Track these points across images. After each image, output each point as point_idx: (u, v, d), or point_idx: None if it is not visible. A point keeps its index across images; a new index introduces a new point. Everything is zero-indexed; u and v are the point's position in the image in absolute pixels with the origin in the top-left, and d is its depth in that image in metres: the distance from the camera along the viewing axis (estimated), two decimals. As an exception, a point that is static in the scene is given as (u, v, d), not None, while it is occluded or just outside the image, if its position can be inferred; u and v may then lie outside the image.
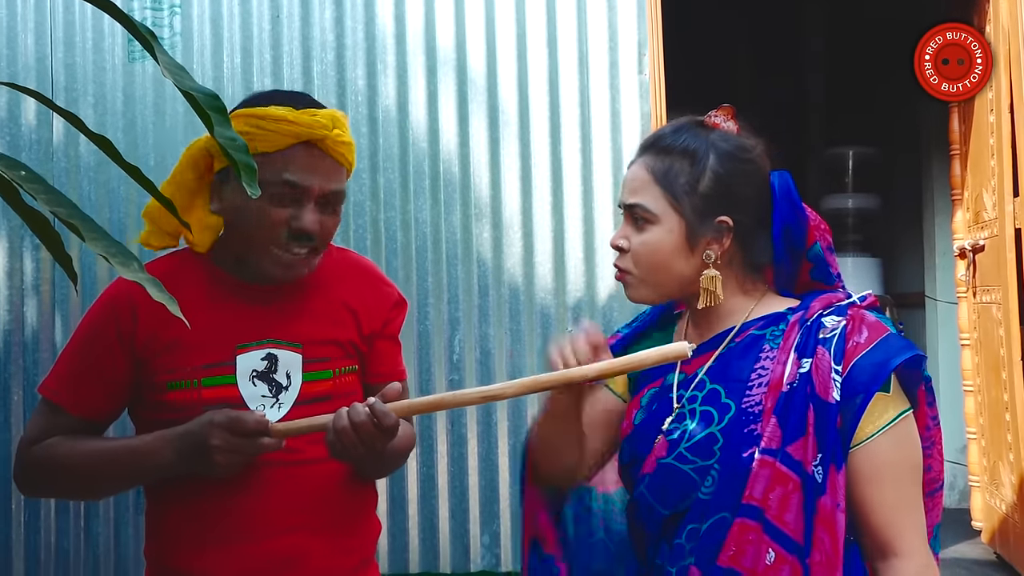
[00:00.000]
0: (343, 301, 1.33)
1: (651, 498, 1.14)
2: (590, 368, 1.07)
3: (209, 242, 1.28)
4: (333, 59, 2.70)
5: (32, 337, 2.63)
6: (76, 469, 1.25)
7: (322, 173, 1.24)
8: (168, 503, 1.28)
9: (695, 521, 1.09)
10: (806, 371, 1.05)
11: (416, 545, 2.61)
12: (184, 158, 1.29)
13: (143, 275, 0.71)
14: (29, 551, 2.60)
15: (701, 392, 1.13)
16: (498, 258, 2.66)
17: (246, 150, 0.81)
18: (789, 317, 1.11)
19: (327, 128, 1.22)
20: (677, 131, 1.17)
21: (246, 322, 1.27)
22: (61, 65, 2.67)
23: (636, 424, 1.18)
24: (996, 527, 2.97)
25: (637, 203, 1.13)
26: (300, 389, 1.27)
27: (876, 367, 1.05)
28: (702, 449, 1.09)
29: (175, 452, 1.19)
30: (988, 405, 2.98)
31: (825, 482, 1.03)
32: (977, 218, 3.03)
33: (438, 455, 2.62)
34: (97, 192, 2.65)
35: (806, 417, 1.04)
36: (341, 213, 1.31)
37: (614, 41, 2.69)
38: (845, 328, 1.07)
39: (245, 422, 1.15)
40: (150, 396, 1.27)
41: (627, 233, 1.14)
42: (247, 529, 1.23)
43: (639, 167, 1.15)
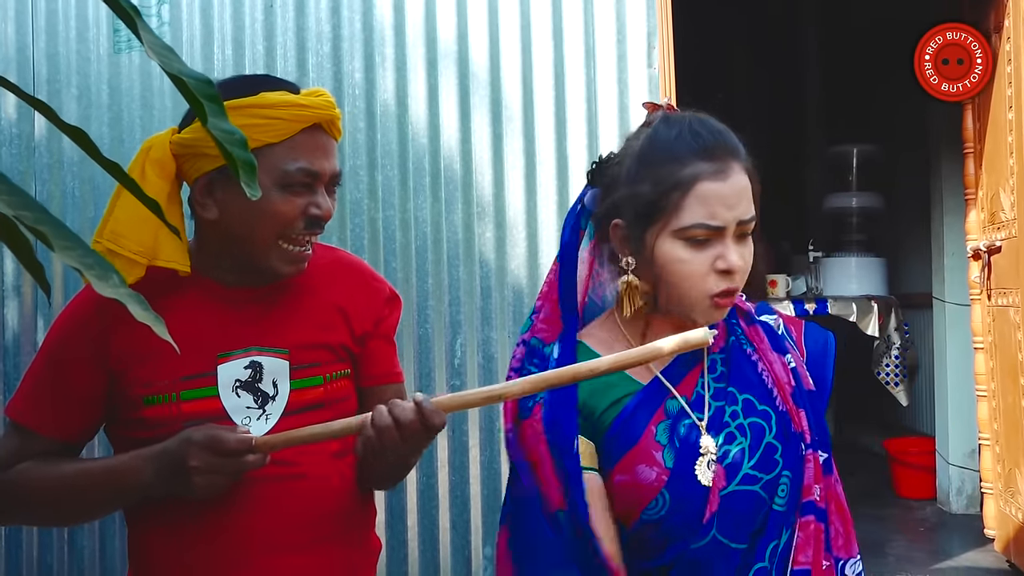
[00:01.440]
0: (332, 302, 1.24)
1: (724, 538, 1.03)
2: (601, 362, 0.99)
3: (188, 260, 1.17)
4: (329, 51, 2.59)
5: (13, 341, 2.52)
6: (50, 494, 1.16)
7: (329, 155, 1.18)
8: (150, 527, 1.18)
9: (774, 538, 1.05)
10: (793, 367, 1.12)
11: (416, 558, 2.51)
12: (144, 165, 1.15)
13: (123, 290, 0.60)
14: (11, 565, 2.49)
15: (736, 406, 1.07)
16: (501, 259, 2.56)
17: (244, 145, 0.70)
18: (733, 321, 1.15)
19: (332, 108, 1.17)
20: (724, 127, 1.09)
21: (227, 329, 1.18)
22: (43, 56, 2.55)
23: (672, 467, 1.04)
24: (1011, 536, 2.90)
25: (752, 215, 1.06)
26: (288, 398, 1.18)
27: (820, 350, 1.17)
28: (767, 463, 1.05)
29: (153, 472, 1.10)
30: (1004, 411, 2.90)
31: (829, 460, 1.11)
32: (993, 218, 2.95)
33: (439, 463, 2.52)
34: (81, 188, 2.53)
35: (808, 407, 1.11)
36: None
37: (622, 33, 2.59)
38: (784, 325, 1.18)
39: (225, 441, 1.06)
40: (126, 413, 1.17)
41: (741, 252, 1.05)
42: (236, 552, 1.15)
43: (741, 174, 1.05)
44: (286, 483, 1.17)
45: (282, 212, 1.13)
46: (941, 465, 3.91)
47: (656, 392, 1.08)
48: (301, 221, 1.15)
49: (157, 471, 1.10)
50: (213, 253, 1.19)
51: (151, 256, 1.14)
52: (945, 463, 3.85)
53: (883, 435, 4.43)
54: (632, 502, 1.04)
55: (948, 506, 3.83)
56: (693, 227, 1.03)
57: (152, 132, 2.53)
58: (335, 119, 1.18)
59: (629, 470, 1.04)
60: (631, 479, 1.04)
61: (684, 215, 1.03)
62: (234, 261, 1.19)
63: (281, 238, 1.15)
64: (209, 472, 1.06)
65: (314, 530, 1.19)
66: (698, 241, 1.03)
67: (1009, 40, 2.80)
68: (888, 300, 4.09)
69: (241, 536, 1.15)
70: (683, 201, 1.03)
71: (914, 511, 3.90)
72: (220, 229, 1.17)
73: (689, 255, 1.03)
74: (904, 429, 4.51)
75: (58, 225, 0.61)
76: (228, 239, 1.17)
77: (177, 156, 1.16)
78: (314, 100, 1.16)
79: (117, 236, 1.13)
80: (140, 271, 1.14)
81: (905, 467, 4.09)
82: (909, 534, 3.60)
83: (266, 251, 1.15)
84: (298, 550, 1.17)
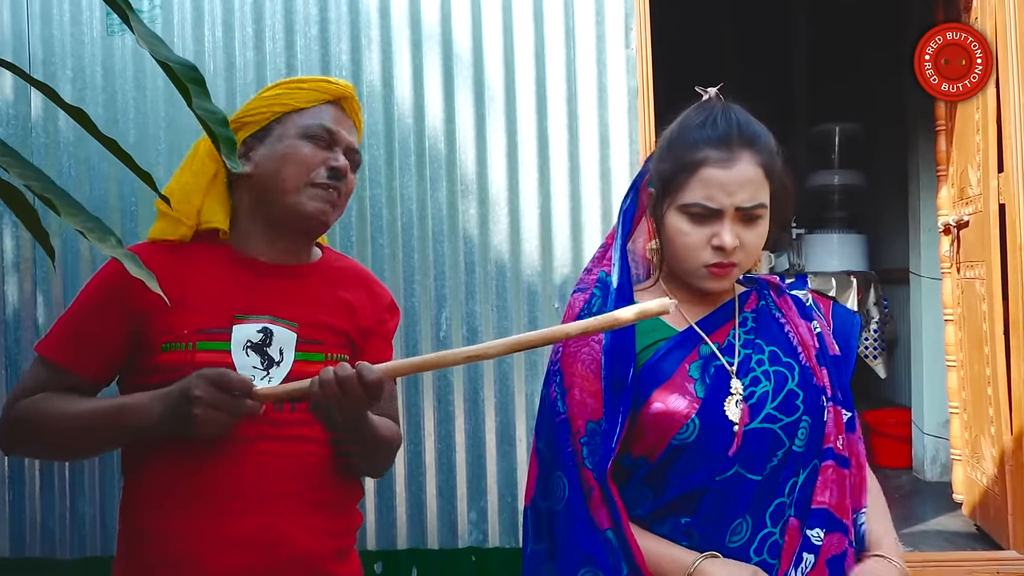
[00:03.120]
0: (341, 297, 1.38)
1: (742, 469, 1.16)
2: (572, 326, 1.10)
3: (228, 223, 1.36)
4: (316, 33, 2.66)
5: (13, 316, 2.60)
6: (61, 424, 1.25)
7: (348, 128, 1.39)
8: (145, 468, 1.28)
9: (793, 475, 1.17)
10: (819, 332, 1.26)
11: (404, 522, 2.62)
12: (199, 145, 1.38)
13: (120, 250, 0.70)
14: (14, 529, 2.59)
15: (763, 355, 1.21)
16: (484, 235, 2.65)
17: (225, 122, 0.80)
18: (766, 291, 1.29)
19: (351, 89, 1.39)
20: (753, 121, 1.21)
21: (247, 294, 1.31)
22: (38, 39, 2.62)
23: (702, 396, 1.17)
24: (977, 500, 3.02)
25: (761, 203, 1.18)
26: (292, 367, 1.29)
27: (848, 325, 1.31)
28: (788, 406, 1.18)
29: (161, 407, 1.19)
30: (971, 380, 3.01)
31: (853, 419, 1.24)
32: (962, 194, 3.04)
33: (425, 432, 2.62)
34: (77, 168, 2.61)
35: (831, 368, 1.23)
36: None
37: (600, 15, 2.66)
38: (814, 299, 1.31)
39: (230, 379, 1.16)
40: (144, 359, 1.28)
41: (737, 231, 1.18)
42: (225, 502, 1.24)
43: (751, 166, 1.17)
44: (277, 443, 1.26)
45: (306, 156, 1.32)
46: (916, 435, 4.02)
47: (690, 338, 1.22)
48: (323, 169, 1.33)
49: (165, 404, 1.19)
50: (247, 221, 1.35)
51: (196, 219, 1.33)
52: (920, 433, 3.96)
53: (862, 407, 4.54)
54: (664, 428, 1.16)
55: (923, 474, 3.95)
56: (692, 205, 1.17)
57: (145, 112, 2.62)
58: (353, 99, 1.40)
59: (664, 399, 1.17)
60: (664, 408, 1.16)
61: (687, 194, 1.18)
62: (265, 223, 1.34)
63: (307, 183, 1.32)
64: (209, 405, 1.15)
65: (301, 490, 1.27)
66: (698, 217, 1.18)
67: (976, 21, 2.88)
68: (867, 275, 4.18)
69: (232, 485, 1.23)
70: (688, 181, 1.18)
71: (890, 479, 4.01)
72: (254, 184, 1.34)
73: (689, 228, 1.18)
74: (883, 401, 4.62)
75: (63, 193, 0.70)
76: (260, 192, 1.34)
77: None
78: (331, 80, 1.39)
79: (174, 202, 1.33)
80: (185, 230, 1.33)
81: (882, 437, 4.21)
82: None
83: (295, 193, 1.32)
84: (285, 506, 1.26)
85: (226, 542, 1.23)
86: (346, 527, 1.37)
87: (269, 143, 1.33)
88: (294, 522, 1.27)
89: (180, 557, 1.23)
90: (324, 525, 1.31)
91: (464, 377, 2.62)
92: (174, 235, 1.33)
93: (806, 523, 1.15)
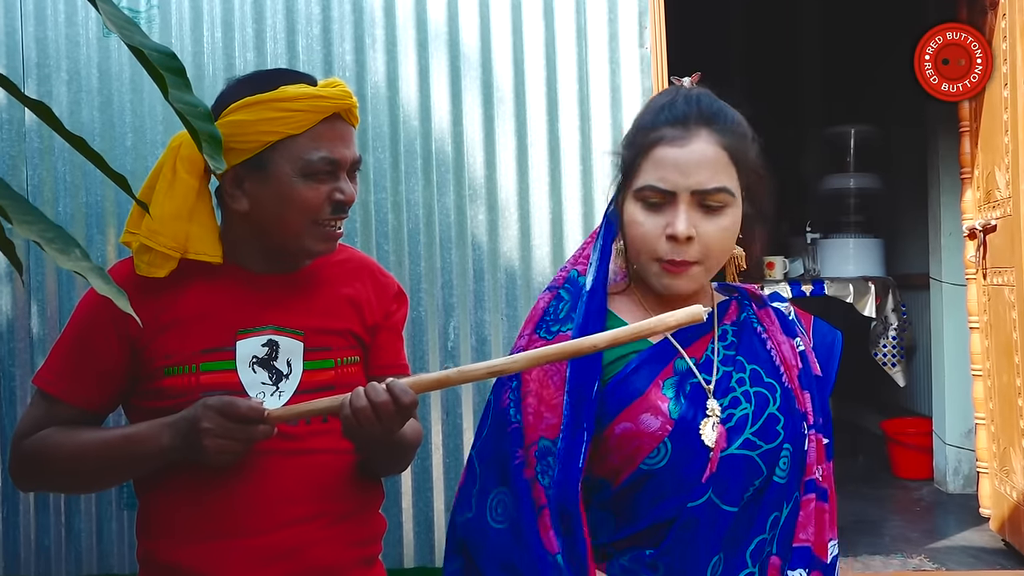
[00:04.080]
0: (345, 295, 1.32)
1: (716, 498, 1.03)
2: (600, 337, 1.00)
3: (221, 250, 1.24)
4: (319, 33, 2.58)
5: (7, 326, 2.52)
6: (71, 459, 1.21)
7: (348, 142, 1.24)
8: (161, 497, 1.24)
9: (775, 509, 1.06)
10: (802, 350, 1.14)
11: (411, 539, 2.52)
12: (175, 162, 1.22)
13: (84, 263, 0.60)
14: (8, 548, 2.51)
15: (743, 373, 1.08)
16: (494, 241, 2.56)
17: (208, 117, 0.70)
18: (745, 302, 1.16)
19: (349, 97, 1.23)
20: (718, 102, 1.09)
21: (247, 307, 1.24)
22: (32, 40, 2.54)
23: (676, 418, 1.04)
24: (1006, 515, 2.90)
25: (722, 187, 1.04)
26: (301, 378, 1.25)
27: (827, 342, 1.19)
28: (768, 432, 1.06)
29: (170, 436, 1.16)
30: (999, 390, 2.90)
31: (830, 447, 1.13)
32: (988, 197, 2.94)
33: (432, 447, 2.53)
34: (72, 174, 2.53)
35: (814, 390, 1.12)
36: None
37: (614, 12, 2.57)
38: (795, 312, 1.19)
39: (238, 407, 1.12)
40: (147, 384, 1.23)
41: (694, 221, 1.04)
42: (245, 522, 1.20)
43: (708, 144, 1.05)
44: (293, 458, 1.22)
45: (308, 199, 1.21)
46: (938, 445, 3.91)
47: (665, 351, 1.08)
48: (328, 207, 1.23)
49: (173, 435, 1.16)
50: (241, 242, 1.27)
51: (183, 250, 1.21)
52: (942, 443, 3.85)
53: (881, 416, 4.44)
54: (632, 450, 1.03)
55: (945, 486, 3.84)
56: (645, 188, 1.05)
57: (143, 115, 2.53)
58: (352, 108, 1.24)
59: (633, 418, 1.04)
60: (634, 427, 1.03)
61: (640, 177, 1.06)
62: (264, 249, 1.26)
63: (311, 224, 1.22)
64: (220, 436, 1.12)
65: (320, 504, 1.24)
66: (652, 204, 1.05)
67: (1005, 17, 2.77)
68: (885, 281, 4.08)
69: (249, 508, 1.20)
70: (642, 163, 1.06)
71: (911, 491, 3.91)
72: (251, 219, 1.24)
73: (643, 217, 1.05)
74: (902, 410, 4.51)
75: (18, 199, 0.60)
76: (259, 228, 1.24)
77: None
78: (332, 91, 1.22)
79: (153, 233, 1.21)
80: (173, 264, 1.22)
81: (902, 448, 4.10)
82: (906, 514, 3.61)
83: (298, 236, 1.23)
84: (304, 522, 1.22)
85: (250, 562, 1.20)
86: (370, 534, 1.33)
87: (264, 179, 1.21)
88: (317, 535, 1.24)
89: None
90: (348, 535, 1.28)
91: (473, 390, 2.53)
92: (162, 271, 1.21)
93: (788, 563, 1.06)
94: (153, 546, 1.24)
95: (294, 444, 1.22)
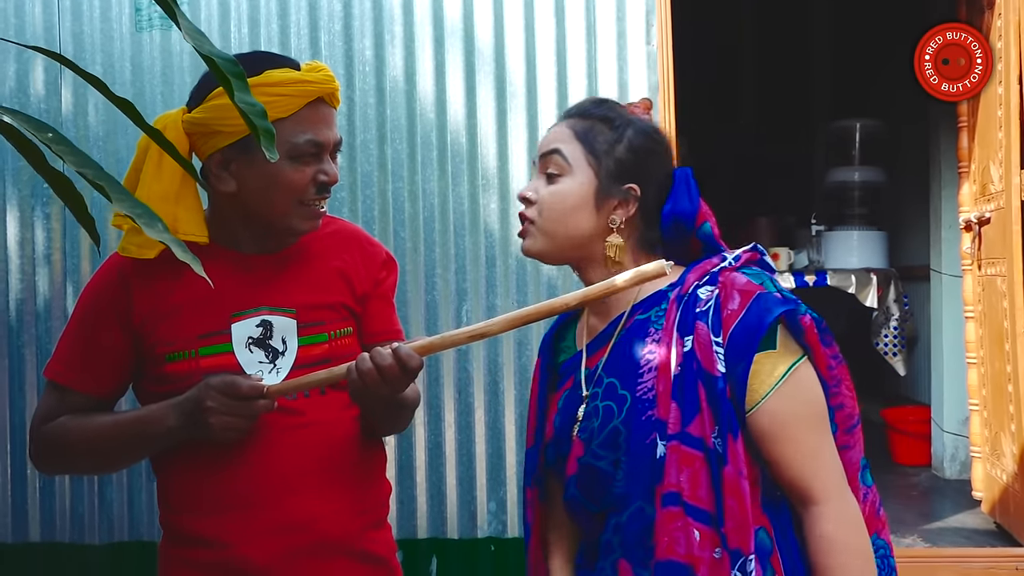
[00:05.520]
0: (334, 267, 1.36)
1: (581, 497, 1.18)
2: (572, 296, 1.11)
3: (207, 232, 1.29)
4: (340, 29, 2.70)
5: (44, 307, 2.66)
6: (86, 444, 1.28)
7: (331, 125, 1.29)
8: (174, 473, 1.31)
9: (616, 515, 1.13)
10: (689, 349, 1.08)
11: (424, 511, 2.65)
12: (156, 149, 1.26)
13: (167, 236, 0.73)
14: (45, 515, 2.65)
15: (600, 388, 1.17)
16: (505, 229, 2.67)
17: (264, 115, 0.83)
18: (669, 294, 1.14)
19: (332, 81, 1.27)
20: (599, 104, 1.23)
21: (239, 291, 1.29)
22: (69, 34, 2.67)
23: (556, 427, 1.23)
24: (997, 497, 3.01)
25: (555, 148, 1.17)
26: (297, 353, 1.30)
27: (750, 331, 1.07)
28: (610, 444, 1.13)
29: (176, 416, 1.22)
30: (991, 377, 3.00)
31: (726, 452, 1.06)
32: (984, 190, 3.03)
33: (445, 424, 2.65)
34: (107, 162, 2.65)
35: (698, 394, 1.07)
36: None
37: (622, 11, 2.68)
38: (718, 297, 1.10)
39: (239, 385, 1.18)
40: (151, 369, 1.30)
41: (536, 186, 1.19)
42: (253, 495, 1.27)
43: (560, 127, 1.21)
44: (297, 431, 1.28)
45: (295, 180, 1.25)
46: (936, 433, 4.01)
47: (577, 362, 1.23)
48: (313, 187, 1.27)
49: (179, 415, 1.22)
50: (229, 223, 1.31)
51: (172, 231, 1.20)
52: (940, 430, 3.95)
53: (882, 405, 4.53)
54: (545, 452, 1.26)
55: (942, 472, 3.93)
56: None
57: (173, 107, 2.65)
58: (335, 91, 1.29)
59: (550, 418, 1.26)
60: (546, 432, 1.27)
61: None
62: (252, 229, 1.31)
63: (297, 204, 1.27)
64: (223, 413, 1.18)
65: (326, 474, 1.30)
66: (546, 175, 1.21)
67: (1000, 16, 2.87)
68: (888, 272, 4.17)
69: (256, 482, 1.26)
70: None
71: (909, 477, 4.01)
72: (238, 201, 1.28)
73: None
74: (902, 399, 4.60)
75: (113, 181, 0.73)
76: (247, 209, 1.28)
77: (190, 134, 1.28)
78: (315, 75, 1.25)
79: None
80: (161, 246, 1.21)
81: (902, 435, 4.20)
82: (902, 498, 3.71)
83: (285, 216, 1.27)
84: (311, 493, 1.29)
85: (263, 532, 1.26)
86: (375, 498, 1.39)
87: (251, 161, 1.23)
88: (325, 504, 1.29)
89: (222, 555, 1.27)
90: (355, 502, 1.33)
91: (484, 369, 2.65)
92: (151, 253, 1.26)
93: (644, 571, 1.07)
94: (170, 516, 1.32)
95: (296, 419, 1.27)
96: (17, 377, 2.64)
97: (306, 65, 1.28)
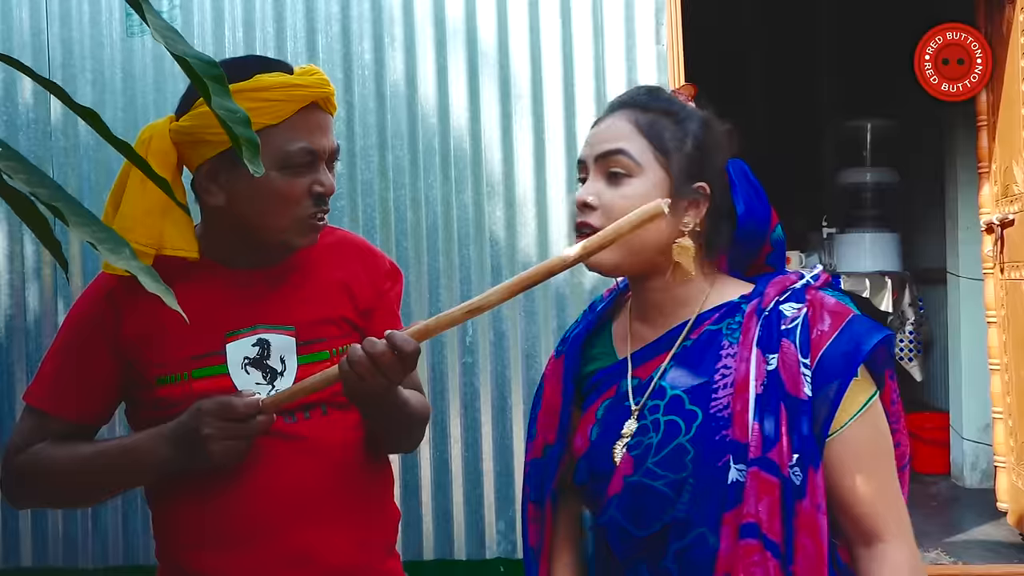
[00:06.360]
0: (335, 279, 1.27)
1: (623, 521, 1.05)
2: (571, 251, 1.02)
3: (196, 246, 1.19)
4: (338, 32, 2.61)
5: (34, 322, 2.58)
6: (64, 474, 1.18)
7: (326, 131, 1.19)
8: (172, 505, 1.22)
9: (678, 540, 1.02)
10: (773, 368, 1.00)
11: (430, 532, 2.56)
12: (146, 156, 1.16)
13: (135, 263, 0.63)
14: (37, 539, 2.56)
15: (662, 400, 1.06)
16: (511, 237, 2.58)
17: (247, 123, 0.73)
18: (744, 307, 1.05)
19: (327, 85, 1.17)
20: (654, 94, 1.11)
21: (234, 308, 1.20)
22: (57, 40, 2.58)
23: (593, 440, 1.10)
24: (1023, 509, 2.90)
25: (621, 148, 1.05)
26: (296, 373, 1.21)
27: (847, 356, 0.99)
28: (673, 462, 1.02)
29: (171, 447, 1.13)
30: (1016, 384, 2.90)
31: (804, 484, 0.97)
32: (1006, 191, 2.93)
33: (452, 440, 2.56)
34: (97, 173, 2.57)
35: (779, 417, 0.99)
36: None
37: (630, 10, 2.59)
38: (807, 316, 1.02)
39: (234, 406, 1.10)
40: (141, 394, 1.21)
41: (597, 189, 1.06)
42: (256, 528, 1.18)
43: (618, 119, 1.08)
44: (301, 457, 1.19)
45: (287, 192, 1.15)
46: (955, 440, 3.90)
47: (619, 371, 1.11)
48: (308, 200, 1.17)
49: (173, 446, 1.13)
50: (221, 237, 1.21)
51: (158, 246, 1.16)
52: (959, 438, 3.85)
53: (897, 410, 4.43)
54: (570, 466, 1.13)
55: (962, 481, 3.83)
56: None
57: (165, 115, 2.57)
58: (330, 96, 1.19)
59: (577, 435, 1.13)
60: (575, 444, 1.13)
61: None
62: (244, 243, 1.21)
63: (292, 219, 1.17)
64: (223, 438, 1.09)
65: (330, 502, 1.21)
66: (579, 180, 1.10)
67: (1023, 11, 2.77)
68: (902, 275, 4.07)
69: (257, 512, 1.18)
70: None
71: (928, 486, 3.90)
72: (228, 214, 1.18)
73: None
74: (919, 404, 4.50)
75: (72, 202, 0.63)
76: (237, 223, 1.19)
77: (178, 144, 1.18)
78: (309, 79, 1.16)
79: (125, 229, 1.14)
80: (148, 261, 1.15)
81: (919, 442, 4.09)
82: (923, 509, 3.61)
83: (279, 231, 1.18)
84: (316, 522, 1.20)
85: (267, 567, 1.18)
86: (383, 526, 1.31)
87: (241, 172, 1.11)
88: (331, 535, 1.21)
89: None
90: (362, 532, 1.25)
91: (491, 383, 2.56)
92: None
93: None
94: (167, 549, 1.23)
95: (297, 444, 1.19)
96: (7, 396, 2.55)
97: (299, 68, 1.19)
